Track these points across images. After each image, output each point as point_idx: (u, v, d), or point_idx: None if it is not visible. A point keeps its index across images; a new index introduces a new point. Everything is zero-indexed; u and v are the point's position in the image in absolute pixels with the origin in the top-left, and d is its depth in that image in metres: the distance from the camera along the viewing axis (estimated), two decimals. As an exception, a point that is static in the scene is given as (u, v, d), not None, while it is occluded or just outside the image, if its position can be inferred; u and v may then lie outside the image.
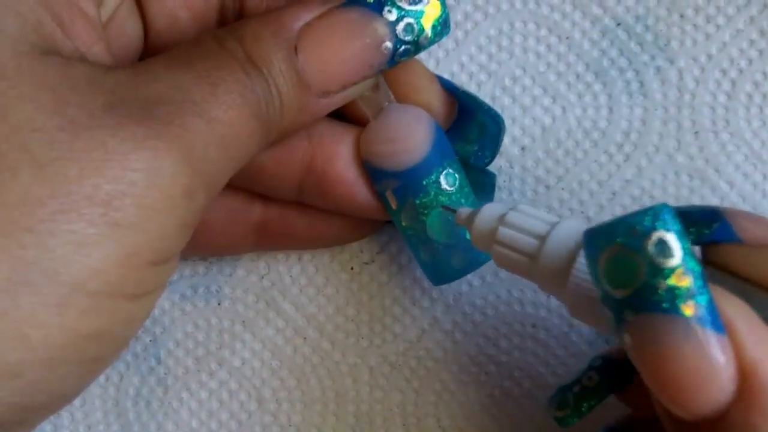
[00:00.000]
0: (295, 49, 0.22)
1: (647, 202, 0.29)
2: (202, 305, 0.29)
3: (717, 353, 0.16)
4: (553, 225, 0.21)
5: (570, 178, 0.29)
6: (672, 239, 0.17)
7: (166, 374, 0.29)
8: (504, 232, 0.22)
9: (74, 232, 0.18)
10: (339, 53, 0.22)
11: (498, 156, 0.29)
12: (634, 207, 0.29)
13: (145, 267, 0.20)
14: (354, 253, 0.29)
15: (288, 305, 0.29)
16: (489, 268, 0.29)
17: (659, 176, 0.29)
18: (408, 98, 0.25)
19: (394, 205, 0.25)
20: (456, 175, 0.25)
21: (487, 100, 0.29)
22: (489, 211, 0.23)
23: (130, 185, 0.19)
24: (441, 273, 0.26)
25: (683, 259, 0.17)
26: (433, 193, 0.25)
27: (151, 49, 0.25)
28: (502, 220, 0.22)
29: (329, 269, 0.29)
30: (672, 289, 0.17)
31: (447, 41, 0.29)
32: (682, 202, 0.29)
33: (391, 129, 0.25)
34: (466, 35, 0.29)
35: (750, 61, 0.29)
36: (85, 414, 0.29)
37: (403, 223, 0.26)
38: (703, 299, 0.17)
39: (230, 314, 0.29)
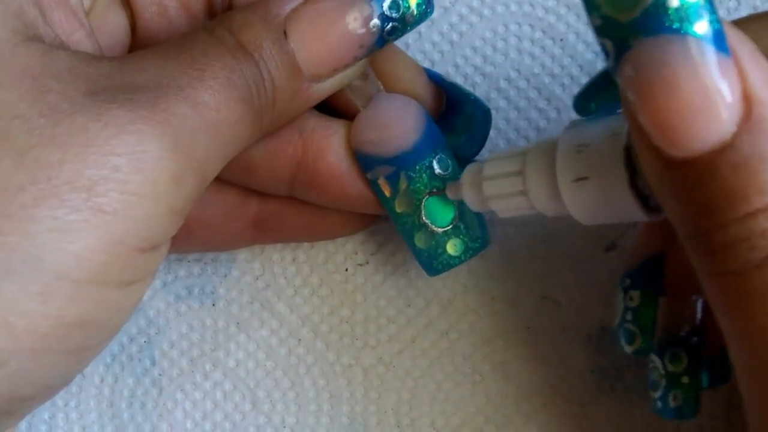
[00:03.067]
0: (285, 34, 0.22)
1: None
2: (197, 306, 0.29)
3: (730, 75, 0.16)
4: (525, 155, 0.22)
5: (564, 180, 0.29)
6: None
7: (160, 375, 0.29)
8: (488, 186, 0.23)
9: (56, 219, 0.18)
10: (328, 35, 0.22)
11: (493, 157, 0.29)
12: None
13: (131, 254, 0.19)
14: (348, 255, 0.29)
15: (282, 306, 0.29)
16: (483, 268, 0.29)
17: (653, 178, 0.29)
18: (395, 90, 0.26)
19: (387, 193, 0.25)
20: (449, 161, 0.25)
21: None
22: (470, 174, 0.23)
23: (114, 170, 0.19)
24: (437, 261, 0.26)
25: None
26: (426, 178, 0.25)
27: (141, 42, 0.24)
28: (482, 175, 0.23)
29: (324, 270, 0.29)
30: (683, 7, 0.15)
31: (442, 43, 0.29)
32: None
33: (382, 116, 0.25)
34: (461, 37, 0.29)
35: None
36: (80, 415, 0.29)
37: (398, 210, 0.25)
38: (714, 19, 0.16)
39: (225, 315, 0.29)
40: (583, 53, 0.29)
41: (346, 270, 0.29)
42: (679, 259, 0.25)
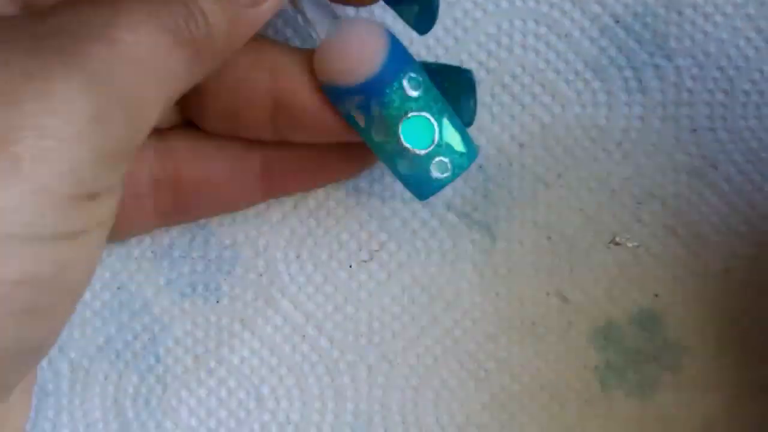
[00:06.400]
0: None
1: (646, 200, 0.29)
2: (201, 303, 0.29)
3: None
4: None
5: (569, 176, 0.29)
6: None
7: (164, 372, 0.29)
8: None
9: None
10: None
11: (496, 152, 0.29)
12: (634, 205, 0.29)
13: (64, 203, 0.18)
14: (352, 251, 0.29)
15: (287, 303, 0.29)
16: (487, 264, 0.29)
17: (658, 174, 0.29)
18: None
19: (362, 123, 0.25)
20: (420, 78, 0.25)
21: (486, 98, 0.29)
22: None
23: (25, 116, 0.18)
24: (424, 184, 0.25)
25: None
26: (398, 100, 0.25)
27: None
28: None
29: (327, 267, 0.29)
30: None
31: (446, 38, 0.29)
32: (681, 200, 0.29)
33: (343, 44, 0.24)
34: (465, 32, 0.29)
35: (747, 59, 0.29)
36: (84, 412, 0.29)
37: (376, 139, 0.25)
38: None
39: (229, 312, 0.29)
40: (589, 49, 0.29)
41: (350, 267, 0.29)
42: None
